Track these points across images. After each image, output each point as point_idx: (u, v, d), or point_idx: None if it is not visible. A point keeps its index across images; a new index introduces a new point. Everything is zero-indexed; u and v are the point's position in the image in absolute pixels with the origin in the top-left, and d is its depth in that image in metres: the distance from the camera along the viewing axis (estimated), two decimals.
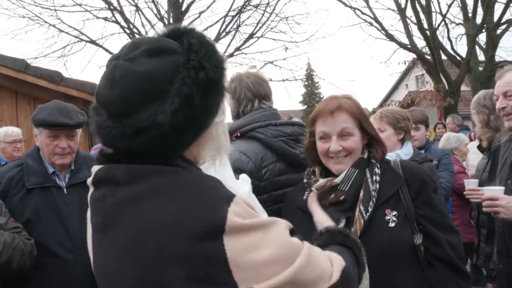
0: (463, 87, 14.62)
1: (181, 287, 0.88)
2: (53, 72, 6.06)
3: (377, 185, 1.70)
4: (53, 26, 13.73)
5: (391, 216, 1.67)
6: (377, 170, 1.75)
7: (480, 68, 14.21)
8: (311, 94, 40.46)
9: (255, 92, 2.23)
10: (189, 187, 0.96)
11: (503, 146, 2.60)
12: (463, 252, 1.76)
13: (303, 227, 1.76)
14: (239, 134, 2.16)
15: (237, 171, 2.00)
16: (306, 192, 1.81)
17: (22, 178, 2.38)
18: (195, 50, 0.99)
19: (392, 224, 1.66)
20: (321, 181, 1.77)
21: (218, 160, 1.17)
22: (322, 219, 1.63)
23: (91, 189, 1.05)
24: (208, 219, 0.90)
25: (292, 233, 1.04)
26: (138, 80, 0.95)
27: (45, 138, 2.42)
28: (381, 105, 24.72)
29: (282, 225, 1.00)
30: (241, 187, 1.62)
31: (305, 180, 1.86)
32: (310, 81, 37.62)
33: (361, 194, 1.69)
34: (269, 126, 2.15)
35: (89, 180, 1.06)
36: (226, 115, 1.16)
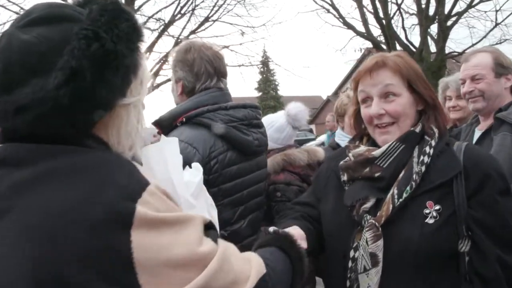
0: None
1: (78, 284, 0.76)
2: None
3: (423, 168, 1.37)
4: None
5: (432, 211, 1.33)
6: (428, 149, 1.39)
7: (431, 60, 14.59)
8: (266, 81, 40.64)
9: (217, 67, 1.95)
10: (96, 170, 0.84)
11: (464, 130, 2.55)
12: None
13: (335, 192, 1.52)
14: (184, 120, 1.86)
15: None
16: (347, 158, 1.53)
17: None
18: (93, 18, 0.87)
19: (430, 221, 1.32)
20: (361, 148, 1.49)
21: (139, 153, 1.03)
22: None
23: None
24: (113, 209, 0.78)
25: (210, 227, 0.96)
26: (20, 51, 0.85)
27: None
28: (336, 92, 25.04)
29: (198, 222, 0.91)
30: (192, 176, 1.41)
31: (346, 143, 1.61)
32: (265, 68, 37.68)
33: (401, 175, 1.38)
34: (219, 110, 1.88)
35: None
36: (143, 96, 0.98)
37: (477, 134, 2.42)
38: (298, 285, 1.15)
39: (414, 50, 14.59)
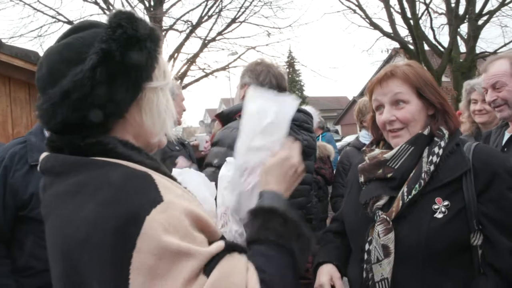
0: (444, 78, 14.73)
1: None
2: (30, 52, 5.78)
3: (432, 167, 1.47)
4: (28, 5, 13.17)
5: (441, 206, 1.42)
6: (437, 150, 1.50)
7: (461, 60, 14.33)
8: (292, 82, 40.55)
9: (279, 83, 2.26)
10: (111, 187, 0.90)
11: (494, 133, 2.58)
12: None
13: (355, 193, 1.69)
14: (241, 115, 2.11)
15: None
16: (364, 161, 1.68)
17: (25, 155, 2.27)
18: (114, 16, 1.03)
19: (439, 215, 1.41)
20: (376, 151, 1.64)
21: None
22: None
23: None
24: (120, 229, 0.83)
25: (232, 249, 0.95)
26: (60, 51, 1.00)
27: None
28: (362, 93, 24.81)
29: (199, 260, 0.86)
30: (226, 170, 1.52)
31: (363, 148, 1.75)
32: (291, 69, 37.61)
33: (411, 174, 1.49)
34: None
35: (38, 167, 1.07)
36: (168, 84, 1.11)
37: (507, 136, 2.43)
38: (303, 262, 1.08)
39: (442, 50, 14.39)
